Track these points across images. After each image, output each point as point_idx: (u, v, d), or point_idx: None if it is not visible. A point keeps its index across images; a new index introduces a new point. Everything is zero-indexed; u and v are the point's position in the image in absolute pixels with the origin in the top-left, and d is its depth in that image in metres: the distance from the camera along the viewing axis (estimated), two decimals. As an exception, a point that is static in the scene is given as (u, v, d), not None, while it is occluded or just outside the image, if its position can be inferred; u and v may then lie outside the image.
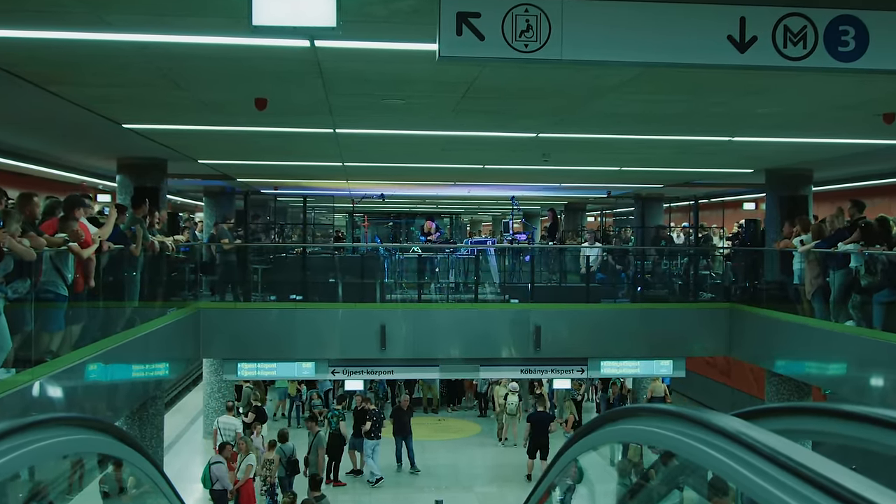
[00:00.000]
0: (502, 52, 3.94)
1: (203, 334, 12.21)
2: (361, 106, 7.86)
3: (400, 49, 5.49)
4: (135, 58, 5.84)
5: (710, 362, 18.64)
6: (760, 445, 1.55)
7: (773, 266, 12.80)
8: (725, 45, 4.05)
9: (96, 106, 7.99)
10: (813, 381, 11.27)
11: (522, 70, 6.00)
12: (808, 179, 13.52)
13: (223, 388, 15.93)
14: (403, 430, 15.60)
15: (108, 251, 8.09)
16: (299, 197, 22.73)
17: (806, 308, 10.79)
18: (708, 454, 1.77)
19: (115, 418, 8.65)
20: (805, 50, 4.09)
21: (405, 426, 15.59)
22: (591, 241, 17.48)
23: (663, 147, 10.93)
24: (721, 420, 1.78)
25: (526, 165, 13.60)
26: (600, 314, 13.39)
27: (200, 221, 19.63)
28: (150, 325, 9.56)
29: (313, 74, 6.32)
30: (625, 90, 6.79)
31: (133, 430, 10.85)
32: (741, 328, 12.77)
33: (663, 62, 4.20)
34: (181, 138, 10.58)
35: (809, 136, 9.68)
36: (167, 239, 10.78)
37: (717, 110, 7.91)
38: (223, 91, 7.25)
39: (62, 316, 6.97)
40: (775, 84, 6.57)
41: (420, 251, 16.30)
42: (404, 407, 15.86)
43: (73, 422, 2.41)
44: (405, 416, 15.65)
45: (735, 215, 22.55)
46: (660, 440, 2.18)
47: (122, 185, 12.60)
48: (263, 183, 19.25)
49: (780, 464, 1.46)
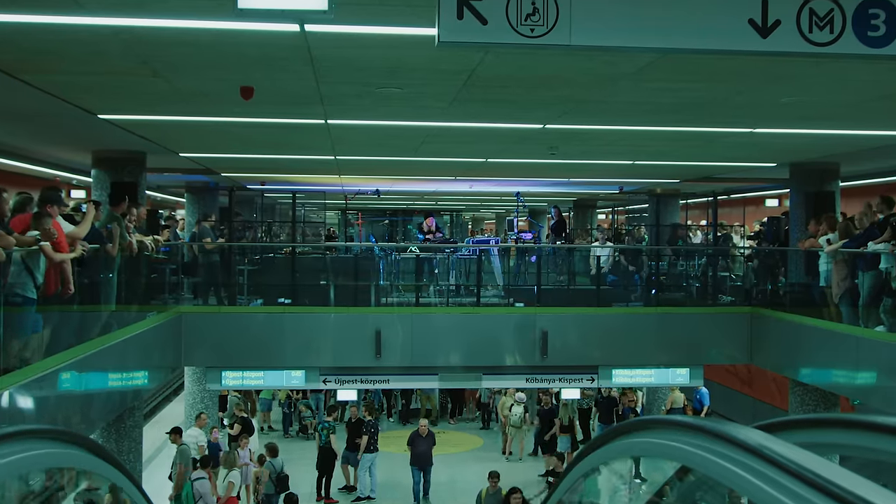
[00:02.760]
0: (506, 36, 3.93)
1: (185, 340, 12.21)
2: (355, 95, 7.86)
3: (396, 34, 5.49)
4: (111, 43, 5.84)
5: (729, 370, 18.66)
6: (784, 460, 1.54)
7: (797, 267, 12.80)
8: (746, 30, 4.04)
9: (70, 95, 7.98)
10: (840, 390, 11.26)
11: (528, 56, 6.00)
12: (835, 174, 13.51)
13: (206, 398, 15.92)
14: (422, 461, 14.72)
15: (83, 251, 8.08)
16: (288, 193, 22.73)
17: (833, 312, 10.79)
18: (727, 469, 1.77)
19: (89, 431, 8.65)
20: (832, 35, 4.08)
21: (425, 456, 14.74)
22: (602, 240, 17.50)
23: (679, 139, 10.93)
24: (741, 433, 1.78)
25: (532, 159, 13.59)
26: (612, 319, 13.39)
27: (182, 219, 19.64)
28: (127, 331, 9.55)
29: (303, 61, 6.31)
30: (638, 78, 6.78)
31: (109, 443, 10.84)
32: (763, 334, 12.76)
33: (680, 48, 4.20)
34: (161, 130, 10.57)
35: (837, 127, 9.67)
36: (146, 238, 10.77)
37: (737, 100, 7.91)
38: (206, 79, 7.25)
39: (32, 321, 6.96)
40: (800, 71, 6.56)
41: (418, 251, 16.31)
42: (423, 433, 14.87)
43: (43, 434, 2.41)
44: (424, 443, 14.76)
45: (757, 213, 22.55)
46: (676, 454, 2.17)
47: (98, 180, 12.60)
48: (249, 178, 19.26)
49: (806, 480, 1.46)
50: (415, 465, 14.78)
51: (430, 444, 14.96)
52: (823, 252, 10.97)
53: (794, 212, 13.89)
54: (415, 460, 14.80)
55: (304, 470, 15.10)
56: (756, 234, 18.09)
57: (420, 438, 14.92)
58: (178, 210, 25.70)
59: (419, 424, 15.35)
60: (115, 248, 9.26)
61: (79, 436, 2.74)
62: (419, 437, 14.94)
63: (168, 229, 13.72)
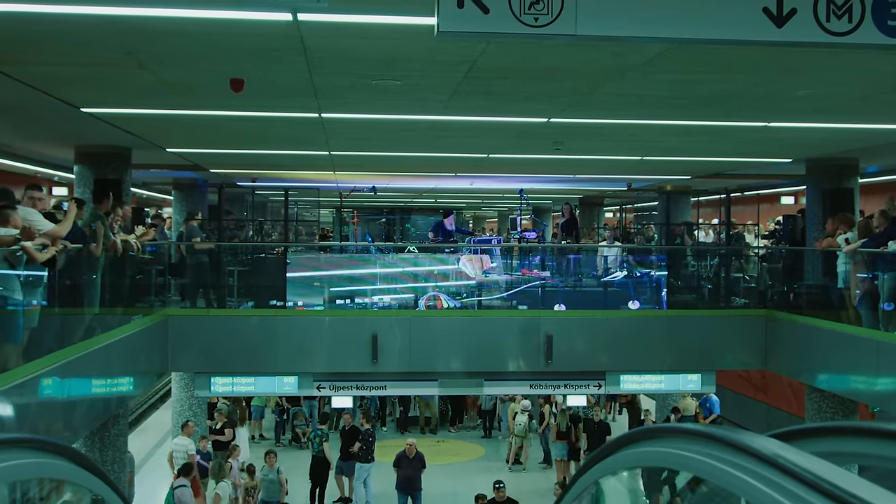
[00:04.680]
0: (509, 26, 3.93)
1: (172, 345, 12.20)
2: (350, 88, 7.86)
3: (394, 23, 5.48)
4: (95, 33, 5.83)
5: (743, 376, 18.64)
6: (801, 470, 1.54)
7: (814, 268, 12.80)
8: (761, 19, 4.04)
9: (51, 88, 7.98)
10: (860, 397, 11.25)
11: (532, 47, 6.00)
12: (854, 170, 13.52)
13: (194, 405, 15.92)
14: (409, 487, 13.85)
15: (65, 251, 8.08)
16: (280, 190, 22.73)
17: (852, 315, 10.78)
18: (741, 480, 1.76)
19: (72, 440, 8.64)
20: (850, 24, 4.08)
21: (412, 481, 13.91)
22: (610, 239, 17.48)
23: (690, 134, 10.93)
24: (756, 441, 1.77)
25: (536, 154, 13.59)
26: (620, 322, 13.39)
27: (169, 218, 19.64)
28: (112, 335, 9.54)
29: (296, 52, 6.31)
30: (647, 70, 6.78)
31: (93, 452, 10.84)
32: (778, 338, 12.76)
33: (691, 38, 4.20)
34: (147, 124, 10.57)
35: (856, 121, 9.67)
36: (131, 237, 10.77)
37: (751, 92, 7.91)
38: (194, 71, 7.25)
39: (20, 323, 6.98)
40: (817, 62, 6.56)
41: (416, 251, 16.30)
42: (410, 454, 13.91)
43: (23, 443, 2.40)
44: (411, 466, 13.85)
45: (771, 210, 22.57)
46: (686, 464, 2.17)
47: (81, 177, 12.60)
48: (240, 175, 19.26)
49: (824, 491, 1.46)
50: (400, 491, 14.04)
51: (419, 468, 14.14)
52: (841, 252, 10.96)
53: (810, 209, 13.90)
54: (401, 485, 14.02)
55: (297, 480, 15.09)
56: (771, 234, 18.11)
57: (406, 460, 14.04)
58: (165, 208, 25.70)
59: (406, 444, 14.43)
60: (98, 248, 9.25)
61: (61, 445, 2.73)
62: (405, 458, 14.06)
63: (155, 228, 13.72)
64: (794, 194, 21.14)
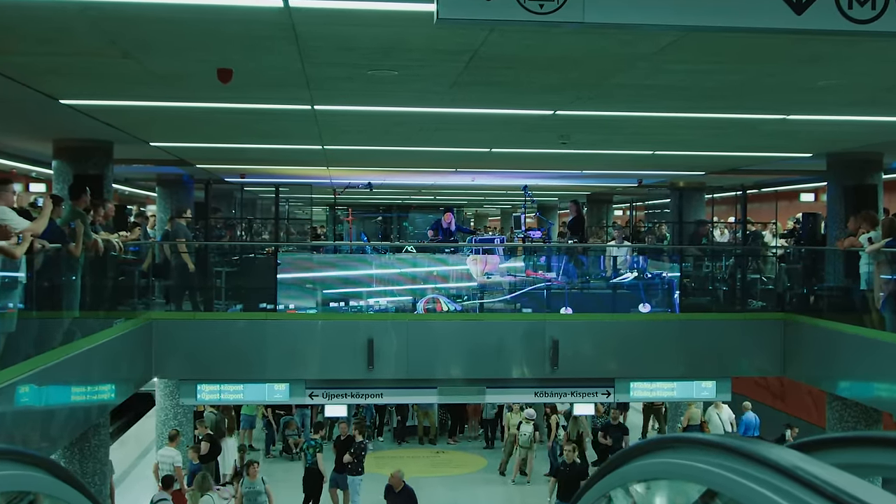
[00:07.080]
0: (513, 13, 3.94)
1: (156, 350, 12.20)
2: (344, 78, 7.86)
3: (391, 10, 5.49)
4: (76, 20, 5.83)
5: (760, 383, 18.66)
6: (821, 483, 1.54)
7: (835, 269, 12.79)
8: (779, 5, 4.04)
9: (29, 78, 7.98)
10: (883, 405, 11.26)
11: (537, 35, 6.00)
12: (878, 165, 13.52)
13: (180, 414, 15.91)
14: None
15: (42, 251, 8.08)
16: (270, 187, 22.75)
17: (875, 319, 10.78)
18: (758, 493, 1.77)
19: (50, 450, 8.64)
20: (873, 11, 4.08)
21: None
22: (619, 238, 17.50)
23: (704, 127, 10.93)
24: (774, 453, 1.78)
25: (541, 149, 13.60)
26: (630, 326, 13.38)
27: (153, 216, 19.66)
28: (92, 340, 9.54)
29: (287, 40, 6.32)
30: (658, 59, 6.79)
31: (72, 464, 10.84)
32: (798, 343, 12.76)
33: (705, 25, 4.20)
34: (130, 116, 10.58)
35: (880, 113, 9.68)
36: (113, 237, 10.77)
37: (768, 83, 7.91)
38: (181, 61, 7.25)
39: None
40: (838, 51, 6.57)
41: (414, 250, 16.30)
42: (396, 486, 12.99)
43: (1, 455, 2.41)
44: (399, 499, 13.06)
45: (790, 208, 22.57)
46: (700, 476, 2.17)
47: (60, 172, 12.61)
48: (228, 170, 19.27)
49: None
50: None
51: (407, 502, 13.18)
52: (864, 252, 10.96)
53: (831, 207, 13.89)
54: None
55: (288, 493, 15.08)
56: (790, 233, 18.09)
57: (393, 494, 13.14)
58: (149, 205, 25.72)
59: (391, 475, 13.23)
60: (78, 248, 9.24)
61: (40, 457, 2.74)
62: (392, 491, 13.14)
63: (138, 227, 13.73)
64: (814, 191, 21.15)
